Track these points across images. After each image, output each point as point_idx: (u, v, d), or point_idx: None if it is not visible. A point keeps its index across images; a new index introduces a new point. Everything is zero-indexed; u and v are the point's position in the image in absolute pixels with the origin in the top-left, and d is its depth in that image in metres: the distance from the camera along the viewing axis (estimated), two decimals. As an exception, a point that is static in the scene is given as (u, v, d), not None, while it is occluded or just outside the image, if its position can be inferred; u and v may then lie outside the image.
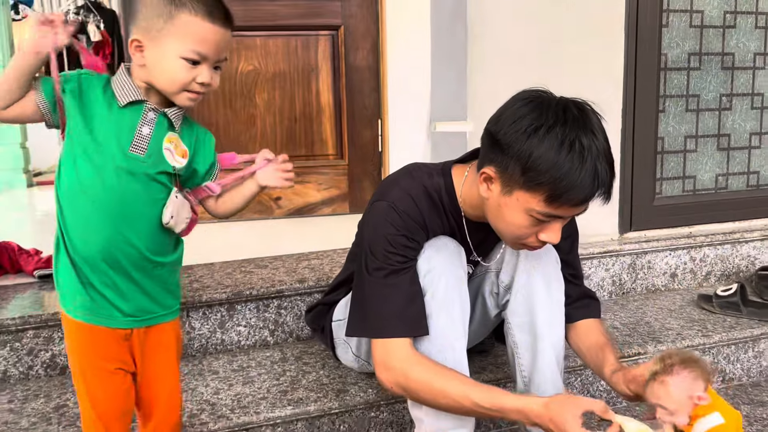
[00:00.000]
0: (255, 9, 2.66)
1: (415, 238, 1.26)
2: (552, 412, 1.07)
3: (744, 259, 2.29)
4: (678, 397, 0.99)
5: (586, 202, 1.13)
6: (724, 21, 2.27)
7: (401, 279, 1.23)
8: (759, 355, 1.88)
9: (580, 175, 1.08)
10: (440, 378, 1.17)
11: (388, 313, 1.23)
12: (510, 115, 1.14)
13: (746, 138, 2.38)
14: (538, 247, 1.20)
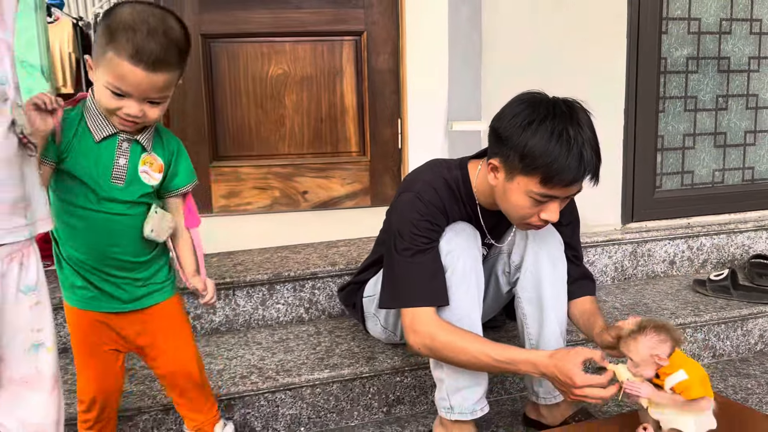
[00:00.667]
0: (285, 17, 2.87)
1: (437, 222, 1.46)
2: (557, 360, 1.27)
3: (738, 248, 2.46)
4: (642, 353, 1.18)
5: (575, 182, 1.32)
6: (720, 27, 2.45)
7: (426, 258, 1.44)
8: (747, 334, 2.07)
9: (568, 160, 1.28)
10: (461, 338, 1.37)
11: (415, 286, 1.43)
12: (509, 113, 1.36)
13: (741, 136, 2.55)
14: (541, 226, 1.40)
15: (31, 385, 1.12)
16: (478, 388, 1.47)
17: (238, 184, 2.97)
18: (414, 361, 1.72)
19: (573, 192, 1.36)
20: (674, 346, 1.19)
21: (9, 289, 1.06)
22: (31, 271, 1.09)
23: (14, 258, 1.07)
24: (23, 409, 1.12)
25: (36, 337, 1.11)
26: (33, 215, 1.08)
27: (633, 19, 2.30)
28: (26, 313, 1.09)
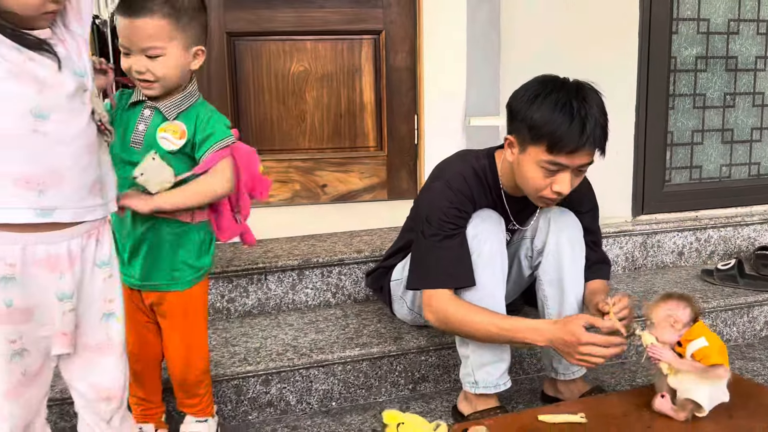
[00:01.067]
0: (307, 16, 2.98)
1: (465, 210, 1.56)
2: (561, 324, 1.40)
3: (745, 240, 2.56)
4: (660, 315, 1.29)
5: (577, 150, 1.41)
6: (728, 28, 2.55)
7: (452, 243, 1.54)
8: (753, 320, 2.17)
9: (569, 128, 1.38)
10: (471, 312, 1.50)
11: (440, 269, 1.54)
12: (522, 90, 1.48)
13: (748, 132, 2.65)
14: (555, 199, 1.51)
15: (102, 351, 1.23)
16: (502, 363, 1.57)
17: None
18: (438, 341, 1.82)
19: (579, 162, 1.45)
20: (694, 315, 1.30)
21: (87, 263, 1.17)
22: (105, 247, 1.20)
23: (92, 234, 1.18)
24: (95, 374, 1.23)
25: (108, 307, 1.22)
26: (107, 196, 1.19)
27: (644, 19, 2.40)
28: (100, 285, 1.20)
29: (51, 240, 1.12)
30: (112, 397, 1.26)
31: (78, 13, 1.15)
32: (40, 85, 1.08)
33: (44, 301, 1.14)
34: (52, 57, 1.09)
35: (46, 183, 1.09)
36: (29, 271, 1.12)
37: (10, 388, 1.18)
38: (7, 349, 1.15)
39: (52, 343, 1.18)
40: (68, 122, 1.11)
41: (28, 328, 1.15)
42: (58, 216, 1.11)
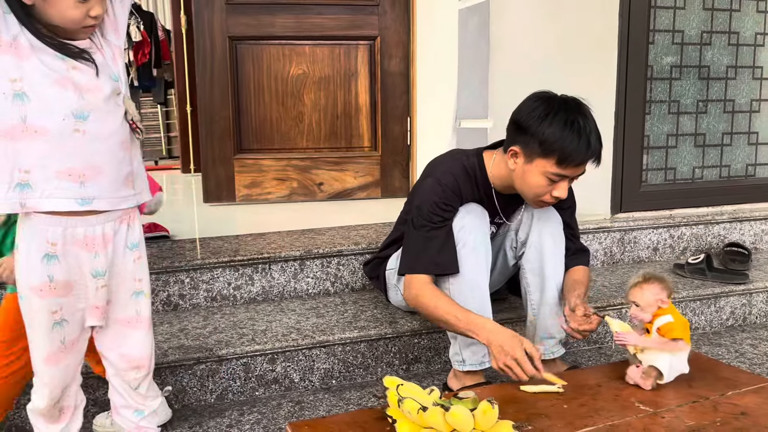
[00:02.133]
0: (305, 21, 3.14)
1: (452, 204, 1.72)
2: (509, 335, 1.52)
3: (715, 237, 2.74)
4: (648, 298, 1.45)
5: (583, 163, 1.59)
6: (701, 39, 2.73)
7: (439, 233, 1.70)
8: (719, 310, 2.35)
9: (579, 144, 1.55)
10: (439, 300, 1.65)
11: (426, 257, 1.70)
12: (527, 108, 1.63)
13: (719, 137, 2.83)
14: (552, 203, 1.67)
15: (132, 324, 1.38)
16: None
17: (259, 175, 3.23)
18: (430, 325, 1.97)
19: (580, 172, 1.62)
20: (669, 294, 1.46)
21: (119, 245, 1.32)
22: (136, 231, 1.36)
23: (123, 220, 1.33)
24: (126, 345, 1.38)
25: (137, 286, 1.37)
26: (138, 187, 1.35)
27: (623, 30, 2.57)
28: (131, 265, 1.35)
29: (88, 223, 1.28)
30: (140, 366, 1.41)
31: (114, 24, 1.30)
32: (80, 89, 1.23)
33: (81, 277, 1.30)
34: (90, 65, 1.24)
35: (86, 175, 1.25)
36: (69, 249, 1.27)
37: (51, 355, 1.32)
38: (49, 319, 1.30)
39: (87, 315, 1.33)
40: (105, 121, 1.27)
41: (68, 300, 1.30)
42: (97, 204, 1.27)
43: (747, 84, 2.82)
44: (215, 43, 3.11)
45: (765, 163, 2.92)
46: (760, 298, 2.38)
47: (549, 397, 1.44)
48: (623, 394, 1.44)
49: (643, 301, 1.46)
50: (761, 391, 1.44)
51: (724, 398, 1.41)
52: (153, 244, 2.33)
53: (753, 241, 2.80)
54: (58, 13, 1.19)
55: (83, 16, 1.21)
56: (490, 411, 1.17)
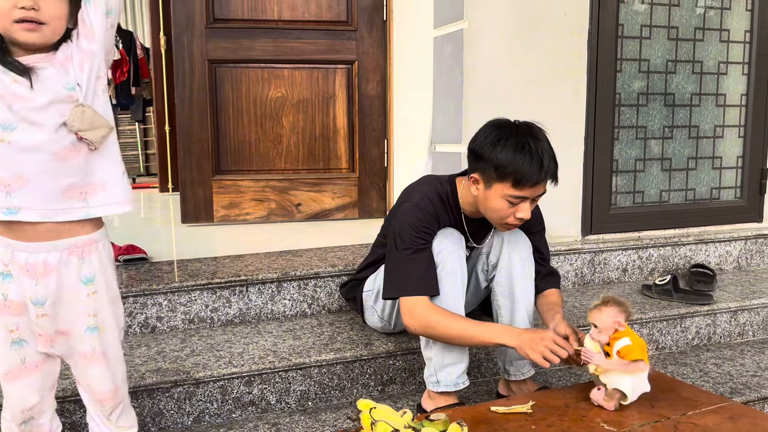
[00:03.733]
0: (284, 46, 3.19)
1: (431, 227, 1.78)
2: (532, 331, 1.62)
3: (682, 258, 2.83)
4: (606, 320, 1.51)
5: (539, 183, 1.64)
6: (667, 68, 2.84)
7: (422, 255, 1.75)
8: (685, 330, 2.42)
9: (531, 165, 1.61)
10: (449, 319, 1.69)
11: (413, 278, 1.74)
12: (482, 136, 1.70)
13: (684, 161, 2.94)
14: (517, 225, 1.73)
15: (88, 360, 1.36)
16: (461, 364, 1.78)
17: (237, 196, 3.26)
18: (405, 346, 2.02)
19: (539, 192, 1.68)
20: (627, 317, 1.52)
21: (68, 277, 1.29)
22: (93, 264, 1.31)
23: (73, 252, 1.29)
24: (88, 378, 1.38)
25: (91, 321, 1.33)
26: (94, 200, 1.29)
27: (592, 59, 2.67)
28: (84, 299, 1.31)
29: (29, 249, 1.26)
30: (102, 401, 1.40)
31: (89, 31, 1.27)
32: (10, 101, 1.21)
33: (26, 302, 1.29)
34: (26, 78, 1.21)
35: (11, 186, 1.23)
36: (17, 272, 1.27)
37: (9, 371, 1.33)
38: (7, 336, 1.31)
39: (37, 340, 1.33)
40: (31, 132, 1.23)
41: (23, 320, 1.30)
42: (24, 215, 1.24)
43: (711, 111, 2.94)
44: (194, 65, 3.15)
45: (729, 186, 3.03)
46: (723, 318, 2.47)
47: (518, 418, 1.49)
48: (589, 415, 1.50)
49: (602, 322, 1.52)
50: (721, 410, 1.50)
51: (684, 417, 1.47)
52: (131, 266, 2.35)
53: (718, 262, 2.90)
54: None
55: (10, 8, 1.18)
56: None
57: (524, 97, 2.58)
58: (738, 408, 1.52)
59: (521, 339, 1.63)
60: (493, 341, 1.68)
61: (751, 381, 2.12)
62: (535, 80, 2.60)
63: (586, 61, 2.66)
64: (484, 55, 2.54)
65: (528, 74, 2.59)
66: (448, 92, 2.66)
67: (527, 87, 2.59)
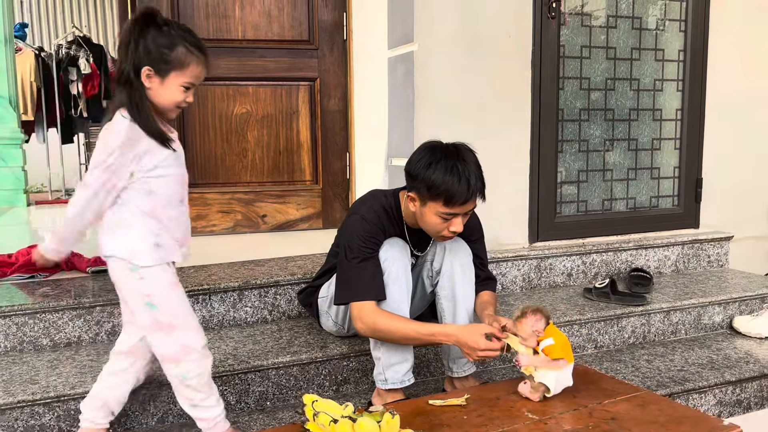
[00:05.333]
0: (249, 64, 3.33)
1: (377, 237, 1.93)
2: (466, 331, 1.77)
3: (623, 263, 3.03)
4: (527, 330, 1.68)
5: (467, 201, 1.80)
6: (606, 85, 3.04)
7: (369, 264, 1.90)
8: (621, 330, 2.61)
9: (459, 186, 1.77)
10: (395, 321, 1.85)
11: (361, 285, 1.89)
12: (416, 158, 1.86)
13: (625, 172, 3.14)
14: (452, 236, 1.89)
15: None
16: (406, 363, 1.94)
17: (204, 208, 3.38)
18: (358, 348, 2.17)
19: (469, 209, 1.84)
20: (547, 321, 1.69)
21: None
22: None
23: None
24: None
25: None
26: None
27: (536, 77, 2.85)
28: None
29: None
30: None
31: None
32: (183, 179, 1.74)
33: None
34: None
35: (183, 241, 1.73)
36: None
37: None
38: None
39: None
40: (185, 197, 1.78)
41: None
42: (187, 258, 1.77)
43: (648, 125, 3.14)
44: (162, 83, 3.26)
45: (667, 195, 3.24)
46: (657, 318, 2.66)
47: (453, 410, 1.65)
48: (517, 405, 1.66)
49: (523, 332, 1.69)
50: (632, 399, 1.68)
51: (599, 405, 1.64)
52: (99, 277, 2.46)
53: (657, 266, 3.10)
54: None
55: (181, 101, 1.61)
56: (391, 421, 1.37)
57: (472, 115, 2.75)
58: (649, 396, 1.70)
59: (460, 339, 1.78)
60: (433, 341, 1.84)
61: (677, 375, 2.31)
62: (483, 98, 2.77)
63: (530, 80, 2.84)
64: (433, 75, 2.71)
65: (475, 92, 2.76)
66: (401, 110, 2.82)
67: (475, 104, 2.75)
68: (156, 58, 1.55)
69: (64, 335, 2.18)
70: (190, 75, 1.59)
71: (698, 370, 2.35)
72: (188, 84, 1.60)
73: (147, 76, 1.56)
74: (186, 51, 1.58)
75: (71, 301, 2.16)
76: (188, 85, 1.60)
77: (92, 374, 1.94)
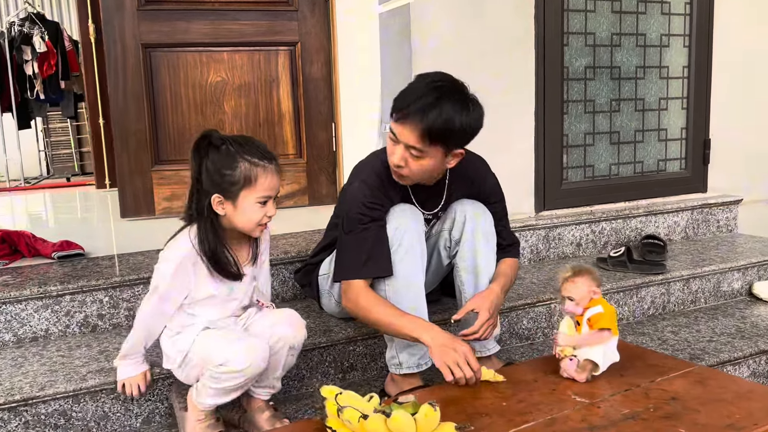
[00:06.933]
0: (222, 28, 3.05)
1: (379, 203, 1.71)
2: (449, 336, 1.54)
3: (633, 230, 2.85)
4: (581, 291, 1.47)
5: (405, 116, 1.58)
6: (612, 41, 2.84)
7: (368, 234, 1.67)
8: (641, 300, 2.43)
9: (404, 96, 1.63)
10: (376, 304, 1.64)
11: (356, 261, 1.68)
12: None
13: (632, 134, 2.96)
14: (399, 173, 1.68)
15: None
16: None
17: (179, 187, 3.10)
18: (365, 331, 1.94)
19: (407, 132, 1.58)
20: (599, 284, 1.49)
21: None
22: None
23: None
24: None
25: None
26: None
27: (539, 33, 2.64)
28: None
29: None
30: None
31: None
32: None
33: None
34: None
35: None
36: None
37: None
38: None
39: None
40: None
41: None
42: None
43: (655, 83, 2.96)
44: (127, 51, 2.97)
45: (674, 158, 3.07)
46: (677, 286, 2.49)
47: (488, 396, 1.44)
48: (559, 388, 1.46)
49: (577, 294, 1.48)
50: (687, 375, 1.49)
51: (654, 384, 1.45)
52: (66, 262, 2.19)
53: (667, 232, 2.93)
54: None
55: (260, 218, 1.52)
56: (432, 414, 1.16)
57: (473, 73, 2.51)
58: (705, 371, 1.52)
59: (436, 341, 1.53)
60: (410, 334, 1.59)
61: (708, 346, 2.14)
62: (484, 55, 2.55)
63: (533, 35, 2.63)
64: (431, 30, 2.48)
65: (477, 49, 2.54)
66: (397, 69, 2.59)
67: (476, 62, 2.54)
68: (221, 183, 1.45)
69: (29, 329, 1.91)
70: (262, 189, 1.47)
71: (729, 340, 2.19)
72: (263, 198, 1.48)
73: (219, 203, 1.47)
74: (249, 165, 1.45)
75: (36, 290, 1.89)
76: (264, 200, 1.48)
77: (64, 372, 1.68)
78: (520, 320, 2.21)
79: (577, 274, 1.50)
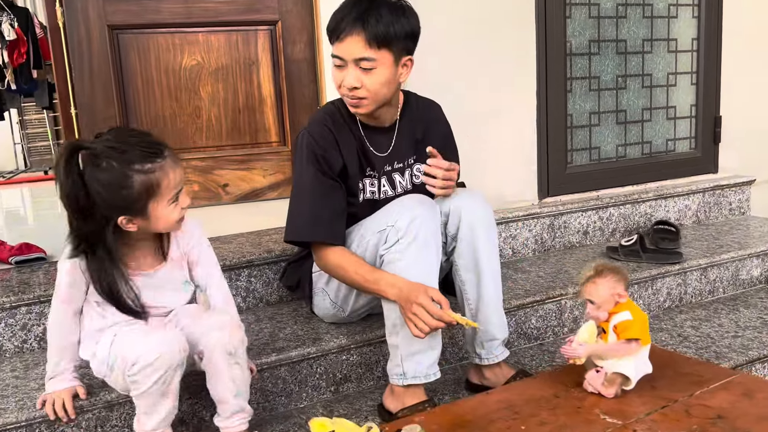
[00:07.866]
0: (196, 6, 2.80)
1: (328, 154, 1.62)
2: (415, 286, 1.42)
3: (642, 216, 2.67)
4: (603, 293, 1.28)
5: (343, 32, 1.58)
6: (617, 12, 2.63)
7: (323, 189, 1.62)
8: (656, 292, 2.25)
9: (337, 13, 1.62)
10: (345, 259, 1.56)
11: (318, 220, 1.61)
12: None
13: (639, 113, 2.76)
14: (351, 97, 1.60)
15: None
16: (432, 352, 1.52)
17: (155, 179, 2.88)
18: (360, 338, 1.75)
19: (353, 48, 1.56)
20: (626, 285, 1.29)
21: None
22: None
23: None
24: None
25: None
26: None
27: (540, 5, 2.43)
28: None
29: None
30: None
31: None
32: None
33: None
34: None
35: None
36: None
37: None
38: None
39: None
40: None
41: None
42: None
43: (663, 57, 2.77)
44: (92, 33, 2.74)
45: (683, 137, 2.89)
46: (694, 276, 2.31)
47: (506, 421, 1.25)
48: (585, 405, 1.27)
49: (599, 297, 1.29)
50: (729, 386, 1.31)
51: (693, 399, 1.26)
52: (25, 268, 1.97)
53: (678, 217, 2.75)
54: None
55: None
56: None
57: (471, 46, 2.33)
58: (749, 381, 1.33)
59: (401, 294, 1.44)
60: (376, 290, 1.50)
61: (733, 342, 1.96)
62: (483, 29, 2.34)
63: (534, 7, 2.42)
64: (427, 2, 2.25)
65: (475, 23, 2.33)
66: (386, 47, 2.36)
67: (474, 34, 2.33)
68: (122, 203, 1.27)
69: (-20, 346, 1.69)
70: (168, 190, 1.30)
71: (755, 335, 2.02)
72: (173, 197, 1.32)
73: (128, 222, 1.30)
74: (144, 174, 1.26)
75: (-14, 303, 1.67)
76: (175, 198, 1.33)
77: (17, 397, 1.47)
78: (528, 319, 2.02)
79: (598, 274, 1.31)
